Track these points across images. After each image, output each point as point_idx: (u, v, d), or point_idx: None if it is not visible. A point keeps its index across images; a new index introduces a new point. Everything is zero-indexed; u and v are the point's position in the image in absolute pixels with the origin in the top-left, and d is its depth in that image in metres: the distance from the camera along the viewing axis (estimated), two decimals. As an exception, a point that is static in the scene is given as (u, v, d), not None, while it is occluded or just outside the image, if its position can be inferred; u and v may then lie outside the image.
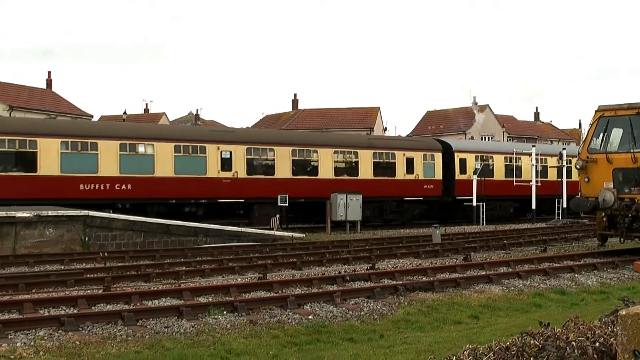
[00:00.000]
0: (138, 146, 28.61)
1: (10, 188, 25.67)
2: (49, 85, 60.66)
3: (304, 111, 69.53)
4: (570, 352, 3.84)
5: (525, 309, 12.86)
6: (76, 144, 27.34)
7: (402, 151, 35.92)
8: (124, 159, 28.03)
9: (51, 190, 26.41)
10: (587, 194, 20.07)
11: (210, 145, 30.07)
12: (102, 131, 29.06)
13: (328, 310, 11.97)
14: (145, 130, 31.14)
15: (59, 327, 10.06)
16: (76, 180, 27.08)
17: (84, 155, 27.32)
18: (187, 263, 18.80)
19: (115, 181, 27.85)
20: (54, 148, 26.76)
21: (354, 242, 24.98)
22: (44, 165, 26.46)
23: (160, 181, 28.72)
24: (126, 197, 28.03)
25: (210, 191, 29.66)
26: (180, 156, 29.33)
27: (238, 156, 30.62)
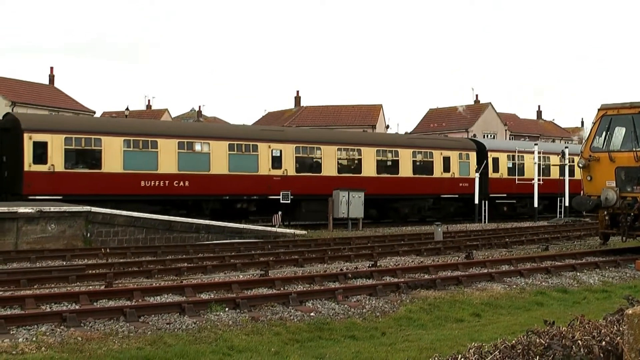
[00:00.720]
0: (195, 144, 29.67)
1: (77, 184, 26.78)
2: (51, 81, 60.64)
3: (307, 108, 69.47)
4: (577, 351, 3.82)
5: (527, 307, 12.84)
6: (137, 142, 28.38)
7: (440, 150, 36.94)
8: (182, 157, 29.07)
9: (114, 186, 27.48)
10: (590, 192, 20.04)
11: (262, 144, 31.21)
12: (162, 130, 30.32)
13: (330, 307, 11.96)
14: (202, 129, 32.64)
15: (60, 323, 10.06)
16: (138, 177, 28.07)
17: (144, 153, 28.42)
18: (189, 259, 18.79)
19: (174, 178, 28.80)
20: (117, 146, 27.82)
21: (355, 239, 24.95)
22: (107, 163, 27.54)
23: (216, 178, 29.71)
24: (184, 194, 29.08)
25: (261, 188, 30.70)
26: (234, 154, 30.40)
27: (287, 154, 31.81)
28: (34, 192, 26.02)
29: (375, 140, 36.55)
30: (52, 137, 26.78)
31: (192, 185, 29.03)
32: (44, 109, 51.16)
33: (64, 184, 26.57)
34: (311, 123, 62.18)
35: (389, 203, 35.34)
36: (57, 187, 26.39)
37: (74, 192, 26.31)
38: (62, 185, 26.50)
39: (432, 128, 70.01)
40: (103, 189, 27.24)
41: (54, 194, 26.14)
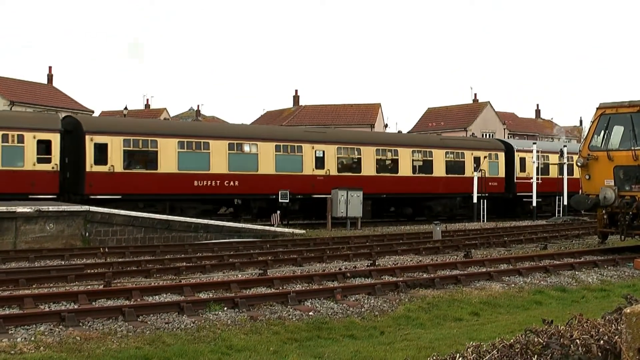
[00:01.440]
0: (244, 146, 30.89)
1: (135, 184, 27.97)
2: (49, 81, 60.60)
3: (305, 107, 69.46)
4: (575, 349, 3.82)
5: (525, 306, 12.84)
6: (191, 143, 29.51)
7: (471, 151, 38.02)
8: (232, 158, 30.27)
9: (169, 186, 28.67)
10: (588, 191, 20.05)
11: (306, 145, 32.50)
12: (213, 132, 31.61)
13: (329, 306, 11.96)
14: (251, 131, 34.04)
15: (59, 323, 10.05)
16: (191, 177, 29.15)
17: (197, 154, 29.51)
18: (187, 259, 18.76)
19: (225, 178, 29.95)
20: (172, 147, 28.97)
21: (354, 238, 24.94)
22: (163, 163, 28.69)
23: (263, 178, 30.89)
24: (234, 193, 30.36)
25: (305, 187, 31.86)
26: (280, 155, 31.68)
27: (330, 155, 33.12)
28: (95, 192, 27.22)
29: (409, 141, 37.71)
30: (112, 138, 27.92)
31: (241, 185, 30.21)
32: (42, 108, 51.11)
33: (123, 184, 27.70)
34: (309, 122, 62.17)
35: (423, 202, 36.52)
36: (117, 187, 27.60)
37: (131, 192, 27.74)
38: (121, 185, 27.68)
39: (430, 127, 70.02)
40: (159, 188, 28.42)
41: (113, 193, 27.45)
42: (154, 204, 28.31)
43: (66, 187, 27.66)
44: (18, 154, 26.44)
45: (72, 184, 27.78)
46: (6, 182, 25.77)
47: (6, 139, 26.31)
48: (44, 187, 26.54)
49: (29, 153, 26.48)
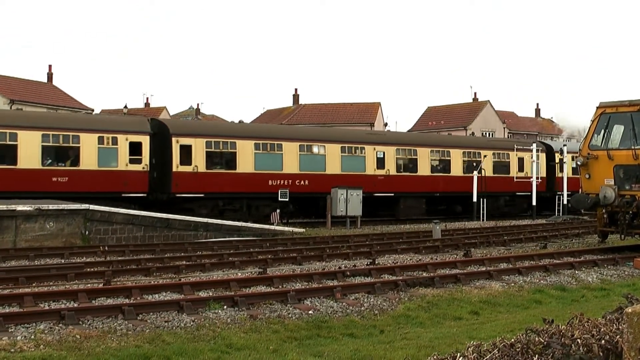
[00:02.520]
0: (313, 147, 32.86)
1: (216, 183, 29.83)
2: (49, 79, 60.56)
3: (305, 106, 69.44)
4: (576, 349, 3.81)
5: (525, 305, 12.84)
6: (266, 145, 31.45)
7: (515, 152, 39.31)
8: (303, 158, 32.33)
9: (247, 185, 30.51)
10: (588, 190, 20.05)
11: (369, 147, 34.40)
12: (286, 134, 33.60)
13: (328, 305, 11.95)
14: (319, 134, 35.79)
15: (59, 321, 10.04)
16: (266, 177, 31.09)
17: (272, 155, 31.44)
18: (187, 257, 18.76)
19: (296, 177, 31.92)
20: (249, 149, 30.91)
21: (354, 237, 24.95)
22: (241, 164, 30.57)
23: (330, 178, 32.60)
24: (304, 192, 32.00)
25: (367, 186, 33.10)
26: (345, 156, 33.71)
27: (389, 156, 34.98)
28: (180, 190, 29.15)
29: (461, 143, 39.65)
30: (196, 140, 29.85)
31: (311, 184, 32.13)
32: (42, 107, 51.11)
33: (205, 183, 29.46)
34: (309, 121, 62.14)
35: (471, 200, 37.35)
36: (200, 186, 29.42)
37: (213, 190, 29.70)
38: (203, 185, 29.47)
39: (430, 126, 70.01)
40: (237, 187, 30.29)
41: (197, 192, 29.41)
42: (232, 202, 30.42)
43: (154, 186, 29.23)
44: (112, 155, 28.26)
45: (159, 183, 29.44)
46: (102, 182, 27.68)
47: (102, 141, 28.04)
48: (135, 186, 28.32)
49: (122, 154, 28.28)
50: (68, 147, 27.72)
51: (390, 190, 34.56)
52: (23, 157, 26.68)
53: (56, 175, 27.26)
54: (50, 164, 27.45)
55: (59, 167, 27.47)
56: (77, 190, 27.02)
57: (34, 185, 26.69)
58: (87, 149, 27.77)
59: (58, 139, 27.52)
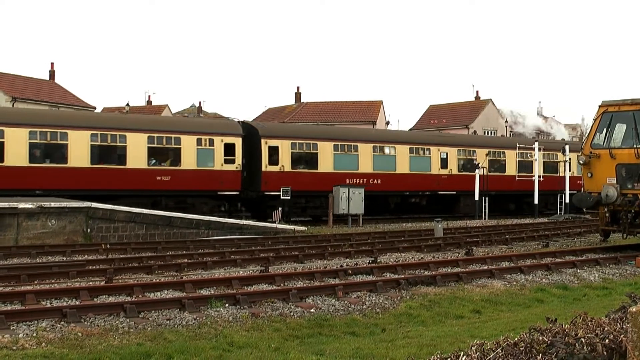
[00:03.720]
0: (385, 148, 34.99)
1: (299, 182, 31.91)
2: (51, 77, 60.56)
3: (307, 104, 69.39)
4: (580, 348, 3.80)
5: (527, 303, 12.82)
6: (344, 146, 33.82)
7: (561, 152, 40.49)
8: (376, 159, 34.44)
9: (327, 183, 32.14)
10: (590, 189, 20.03)
11: (434, 148, 36.59)
12: (361, 135, 35.84)
13: (330, 303, 11.94)
14: (390, 135, 38.80)
15: (61, 319, 10.04)
16: (344, 176, 33.11)
17: (349, 155, 33.75)
18: (189, 255, 18.77)
19: (370, 177, 34.03)
20: (329, 150, 33.18)
21: (356, 235, 24.94)
22: (322, 164, 32.95)
23: (400, 177, 34.93)
24: (377, 190, 33.93)
25: (432, 185, 35.84)
26: (413, 156, 35.76)
27: (452, 156, 37.16)
28: (269, 189, 31.25)
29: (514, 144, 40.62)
30: (282, 142, 32.17)
31: (383, 183, 34.21)
32: (44, 105, 51.09)
33: (290, 182, 31.39)
34: (311, 119, 62.10)
35: (525, 198, 39.26)
36: (286, 185, 31.35)
37: (297, 189, 31.67)
38: (289, 183, 31.41)
39: (432, 124, 69.92)
40: (318, 186, 32.25)
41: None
42: (314, 200, 32.66)
43: (245, 184, 31.19)
44: (209, 156, 30.34)
45: (249, 182, 31.46)
46: (200, 181, 29.70)
47: (200, 143, 30.14)
48: (229, 185, 30.40)
49: (217, 155, 30.38)
50: (170, 148, 29.70)
51: (453, 188, 36.67)
52: (131, 157, 28.55)
53: (160, 174, 29.27)
54: (155, 164, 29.34)
55: (163, 167, 29.46)
56: (178, 188, 29.37)
57: (140, 184, 28.66)
58: (187, 150, 29.78)
59: (162, 141, 29.49)
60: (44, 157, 27.38)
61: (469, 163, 37.90)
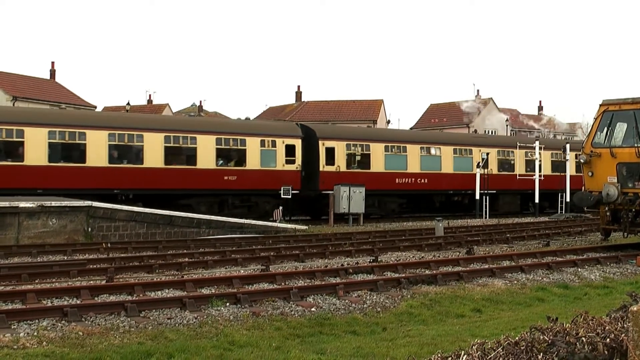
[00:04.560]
0: (431, 149, 36.78)
1: (354, 181, 32.83)
2: (52, 76, 60.57)
3: (308, 103, 69.41)
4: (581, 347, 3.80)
5: (528, 302, 12.82)
6: (394, 147, 35.55)
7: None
8: (423, 159, 36.11)
9: (379, 182, 34.25)
10: (591, 188, 20.03)
11: (475, 149, 38.16)
12: (409, 137, 38.28)
13: (331, 302, 11.94)
14: (436, 137, 40.68)
15: (62, 318, 10.05)
16: (394, 175, 35.05)
17: (398, 156, 35.44)
18: (190, 254, 18.77)
19: (418, 176, 35.68)
20: (380, 151, 34.99)
21: (356, 234, 24.93)
22: (374, 164, 34.72)
23: (444, 176, 36.72)
24: (423, 189, 35.83)
25: (473, 184, 36.55)
26: (457, 157, 37.57)
27: (492, 157, 38.76)
28: (325, 188, 32.56)
29: (549, 144, 42.44)
30: (338, 143, 33.98)
31: (429, 182, 35.89)
32: (45, 104, 51.10)
33: (345, 181, 32.48)
34: (312, 118, 62.09)
35: (555, 196, 40.29)
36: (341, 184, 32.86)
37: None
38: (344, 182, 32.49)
39: (433, 123, 69.92)
40: (371, 185, 33.36)
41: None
42: (366, 199, 32.82)
43: (304, 184, 32.58)
44: (272, 157, 31.93)
45: (308, 181, 32.83)
46: (264, 180, 31.15)
47: (263, 144, 31.73)
48: (291, 184, 31.56)
49: (279, 156, 32.01)
50: (236, 150, 31.27)
51: (492, 187, 37.66)
52: (201, 158, 30.07)
53: (227, 174, 30.71)
54: (222, 164, 30.82)
55: (229, 167, 30.93)
56: (243, 187, 30.85)
57: (210, 183, 30.02)
58: (252, 151, 31.37)
59: (229, 142, 31.11)
60: (121, 158, 28.88)
61: (507, 163, 39.65)
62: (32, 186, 26.32)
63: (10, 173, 26.25)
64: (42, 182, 26.54)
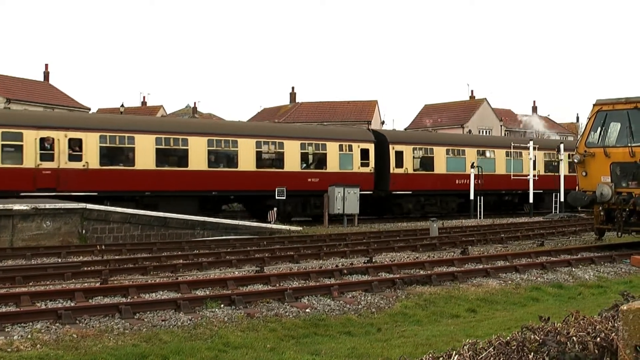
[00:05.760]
0: (486, 152, 39.80)
1: (419, 183, 36.37)
2: (46, 78, 60.40)
3: (302, 104, 69.37)
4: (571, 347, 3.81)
5: (522, 302, 12.85)
6: (454, 150, 38.49)
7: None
8: (480, 161, 38.53)
9: (441, 183, 37.42)
10: (585, 187, 20.07)
11: (525, 151, 39.67)
12: (467, 141, 41.46)
13: (325, 303, 11.95)
14: (490, 140, 44.96)
15: (56, 320, 10.03)
16: (454, 176, 37.96)
17: (458, 159, 38.33)
18: (184, 256, 18.74)
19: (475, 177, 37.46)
20: (442, 154, 37.87)
21: (351, 235, 24.94)
22: (437, 166, 37.63)
23: (499, 177, 39.44)
24: (479, 189, 37.45)
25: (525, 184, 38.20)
26: (509, 159, 39.88)
27: (540, 159, 40.95)
28: (395, 189, 35.75)
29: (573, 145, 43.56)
30: (406, 147, 36.65)
31: (485, 183, 37.92)
32: (38, 106, 50.97)
33: (413, 182, 35.83)
34: (306, 119, 62.08)
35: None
36: (409, 185, 36.13)
37: (418, 189, 36.37)
38: (411, 184, 36.07)
39: (427, 124, 69.97)
40: (435, 185, 37.10)
41: (406, 190, 36.18)
42: (430, 199, 37.21)
43: (376, 185, 35.03)
44: (349, 160, 34.65)
45: (379, 183, 35.26)
46: (342, 181, 32.86)
47: (341, 148, 34.53)
48: (365, 185, 33.82)
49: (355, 159, 34.72)
50: (319, 154, 34.11)
51: (540, 187, 39.31)
52: (288, 162, 32.74)
53: (311, 176, 33.58)
54: (306, 167, 33.77)
55: (312, 170, 33.89)
56: (324, 189, 32.46)
57: (296, 185, 32.36)
58: (332, 155, 34.26)
59: (312, 147, 33.96)
60: (218, 162, 31.36)
61: (551, 164, 41.86)
62: (141, 189, 28.72)
63: (121, 177, 28.45)
64: (150, 185, 28.94)
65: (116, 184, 28.12)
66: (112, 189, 27.98)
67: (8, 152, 26.61)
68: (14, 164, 26.55)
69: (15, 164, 26.52)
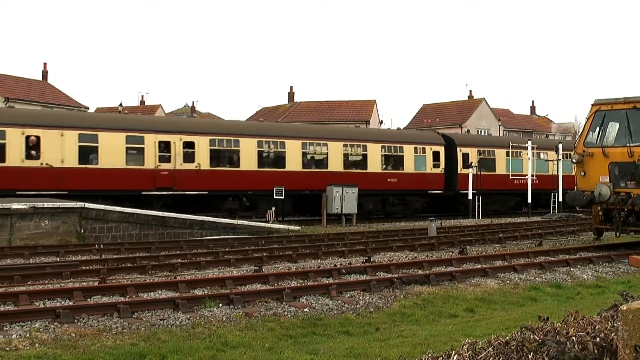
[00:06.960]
0: (541, 153, 41.29)
1: (484, 182, 38.07)
2: (44, 77, 60.36)
3: (300, 104, 69.38)
4: (571, 347, 3.81)
5: (521, 302, 12.85)
6: (514, 152, 40.38)
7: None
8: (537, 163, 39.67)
9: (502, 183, 39.81)
10: (583, 187, 20.08)
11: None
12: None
13: (324, 303, 11.95)
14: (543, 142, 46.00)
15: (54, 319, 10.03)
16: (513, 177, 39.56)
17: (517, 160, 40.34)
18: (182, 255, 18.73)
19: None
20: (503, 155, 40.21)
21: (349, 235, 24.93)
22: (498, 167, 40.07)
23: (552, 178, 39.91)
24: (535, 189, 38.88)
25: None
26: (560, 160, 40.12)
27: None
28: (462, 188, 37.50)
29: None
30: (471, 150, 38.87)
31: (540, 183, 39.50)
32: (37, 105, 50.90)
33: (477, 182, 37.21)
34: (305, 119, 62.09)
35: None
36: (474, 185, 37.13)
37: (481, 188, 37.94)
38: (476, 184, 37.21)
39: (426, 124, 70.00)
40: (496, 185, 39.50)
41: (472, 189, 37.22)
42: (491, 197, 39.48)
43: (445, 184, 37.44)
44: (422, 162, 36.99)
45: (448, 183, 37.68)
46: (416, 182, 36.00)
47: (416, 151, 36.87)
48: (436, 185, 37.01)
49: (428, 161, 37.11)
50: (396, 155, 36.28)
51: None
52: (371, 163, 35.18)
53: (390, 177, 35.72)
54: (385, 168, 35.84)
55: (392, 171, 35.97)
56: (402, 188, 35.73)
57: (377, 184, 34.91)
58: (408, 157, 36.44)
59: (391, 149, 36.12)
60: (310, 164, 33.80)
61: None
62: (244, 188, 31.18)
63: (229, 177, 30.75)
64: (252, 185, 31.25)
65: (223, 184, 30.44)
66: (219, 188, 30.46)
67: (131, 154, 28.73)
68: (136, 165, 28.72)
69: (138, 165, 28.75)
